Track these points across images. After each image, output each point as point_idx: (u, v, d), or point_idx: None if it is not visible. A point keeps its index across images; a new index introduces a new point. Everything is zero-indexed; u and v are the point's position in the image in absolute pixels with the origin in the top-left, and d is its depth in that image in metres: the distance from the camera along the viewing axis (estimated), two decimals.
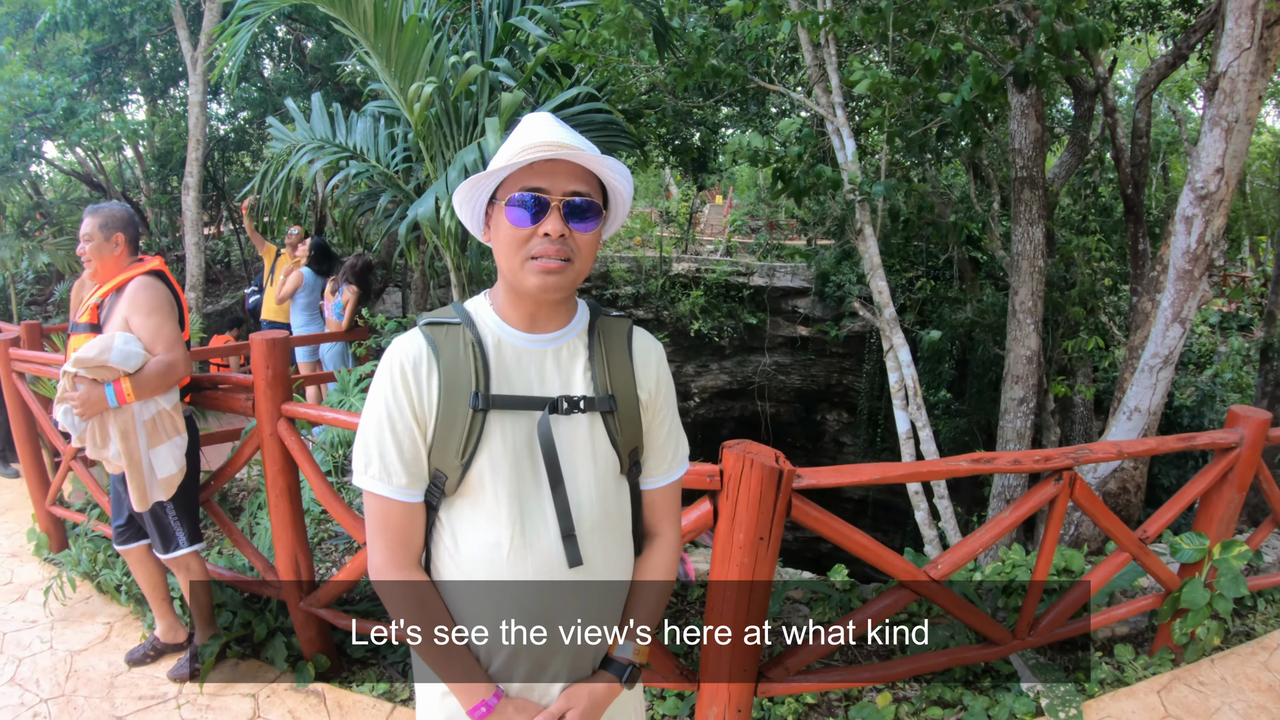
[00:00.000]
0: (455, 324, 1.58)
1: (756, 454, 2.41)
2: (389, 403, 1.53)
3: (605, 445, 1.63)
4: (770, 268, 16.07)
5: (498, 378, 1.56)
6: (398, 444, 1.53)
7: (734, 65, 5.29)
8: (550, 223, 1.49)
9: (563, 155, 1.49)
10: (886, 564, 2.81)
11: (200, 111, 10.48)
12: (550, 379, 1.60)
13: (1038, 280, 5.99)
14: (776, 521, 2.44)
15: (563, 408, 1.58)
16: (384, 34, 4.20)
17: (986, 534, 3.06)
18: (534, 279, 1.50)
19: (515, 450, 1.55)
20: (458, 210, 1.63)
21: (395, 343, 1.57)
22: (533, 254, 1.50)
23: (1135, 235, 7.15)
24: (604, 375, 1.64)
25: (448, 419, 1.53)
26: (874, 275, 5.06)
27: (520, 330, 1.59)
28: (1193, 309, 4.38)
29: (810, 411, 17.88)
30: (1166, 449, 3.68)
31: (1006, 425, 6.20)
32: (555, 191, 1.50)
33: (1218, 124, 4.00)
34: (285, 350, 3.73)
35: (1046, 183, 6.25)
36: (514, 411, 1.56)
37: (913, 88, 4.55)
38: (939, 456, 5.08)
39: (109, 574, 4.77)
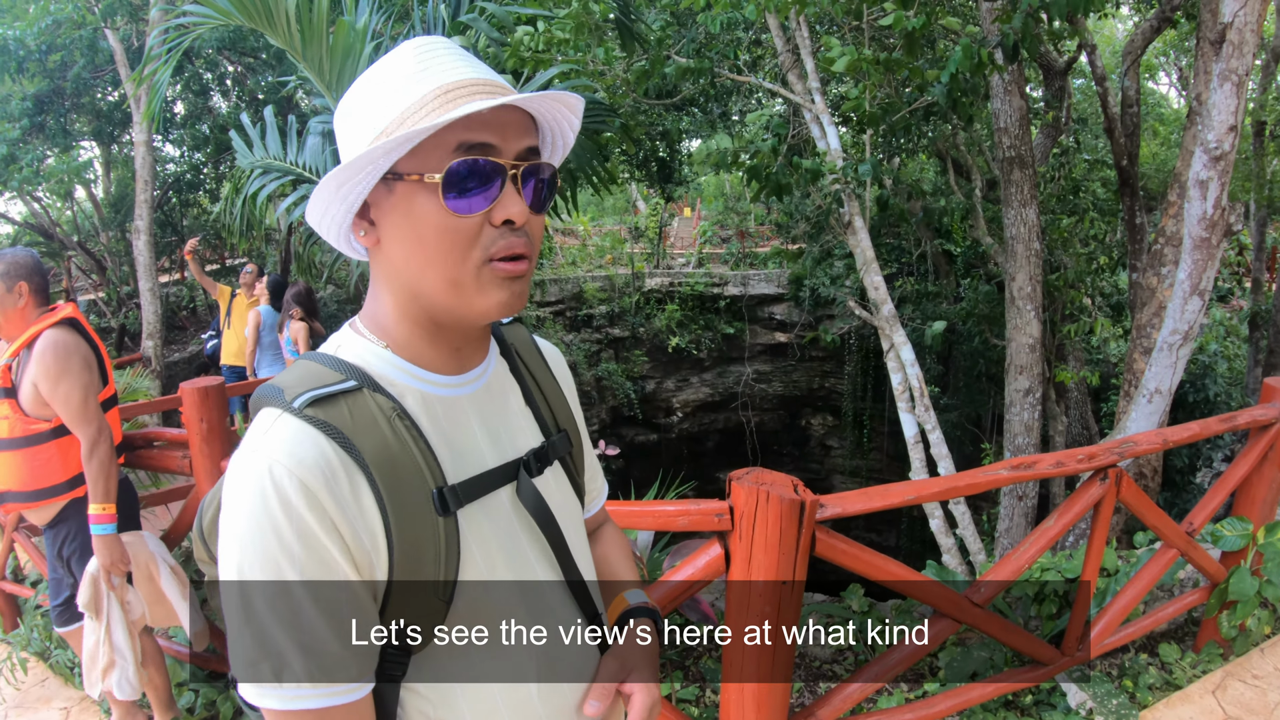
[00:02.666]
0: (352, 390, 0.98)
1: (772, 484, 2.04)
2: (295, 562, 0.89)
3: (572, 498, 1.20)
4: (744, 276, 16.09)
5: (447, 455, 1.03)
6: (332, 617, 0.91)
7: (699, 60, 4.96)
8: (511, 202, 0.96)
9: (527, 103, 0.98)
10: (926, 594, 2.44)
11: (146, 152, 10.06)
12: (496, 433, 1.11)
13: (1035, 264, 5.69)
14: (800, 562, 2.07)
15: (535, 466, 1.12)
16: (313, 45, 3.83)
17: (1032, 548, 2.70)
18: (497, 293, 0.98)
19: (503, 549, 1.06)
20: (316, 215, 1.03)
21: (255, 456, 0.91)
22: (491, 254, 0.96)
23: (1131, 209, 6.86)
24: (545, 407, 1.20)
25: (408, 545, 0.96)
26: (868, 270, 4.72)
27: (443, 374, 1.06)
28: (1211, 279, 4.08)
29: (794, 418, 17.85)
30: (1210, 432, 3.34)
31: (1014, 418, 5.87)
32: (507, 152, 0.96)
33: (1228, 78, 3.70)
34: (220, 400, 3.37)
35: (1034, 161, 5.97)
36: (481, 499, 1.05)
37: (894, 65, 4.22)
38: (950, 460, 4.74)
39: (61, 654, 4.39)
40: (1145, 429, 4.63)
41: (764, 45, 6.77)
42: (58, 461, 3.16)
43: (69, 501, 3.23)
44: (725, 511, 2.08)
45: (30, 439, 3.12)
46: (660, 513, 2.19)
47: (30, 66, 10.79)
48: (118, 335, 12.87)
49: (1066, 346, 8.21)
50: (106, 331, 13.18)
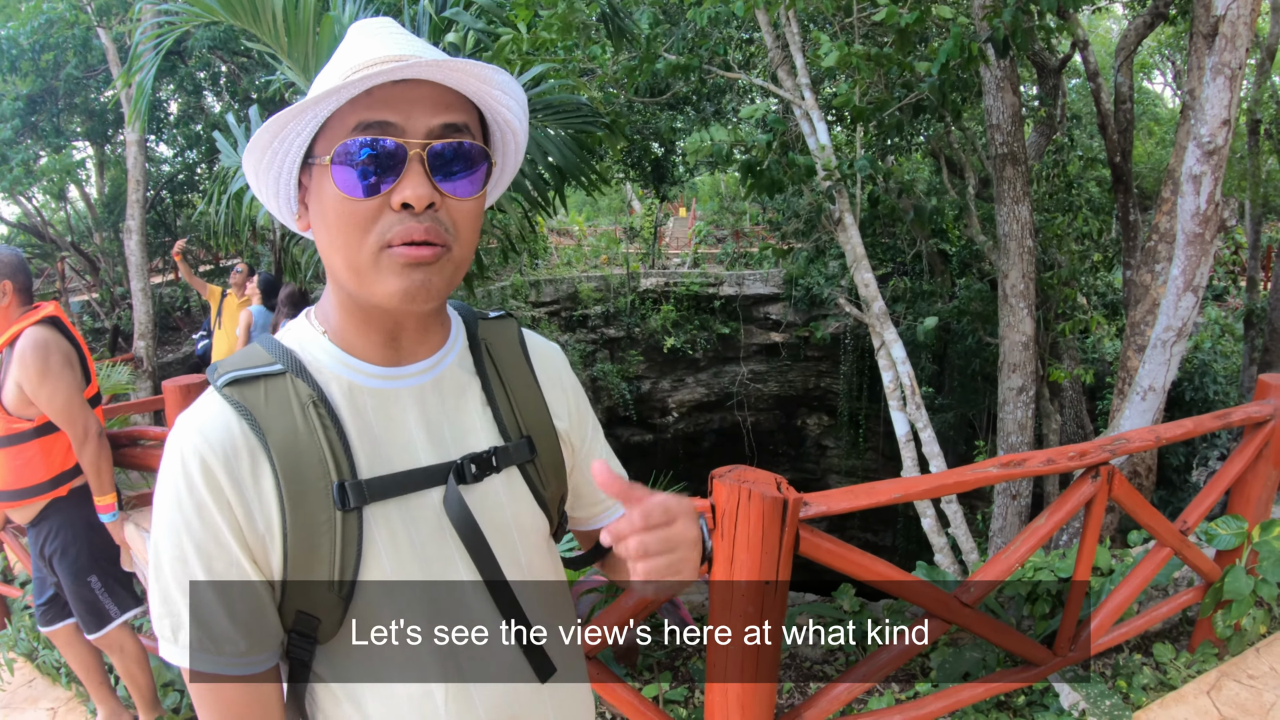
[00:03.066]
0: (275, 374, 0.98)
1: (754, 482, 1.99)
2: (191, 525, 0.91)
3: (531, 508, 1.12)
4: (739, 276, 16.10)
5: (365, 448, 0.99)
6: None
7: (689, 57, 4.92)
8: (410, 183, 0.89)
9: (419, 73, 0.89)
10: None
11: (139, 151, 10.00)
12: (438, 430, 1.05)
13: (1028, 261, 5.65)
14: (784, 561, 2.03)
15: (470, 473, 1.04)
16: (299, 43, 3.78)
17: (1022, 547, 2.66)
18: (394, 281, 0.92)
19: (418, 552, 1.01)
20: (254, 187, 1.01)
21: (182, 421, 0.96)
22: (388, 240, 0.91)
23: (1125, 206, 6.83)
24: (509, 409, 1.12)
25: (303, 535, 0.94)
26: (858, 268, 4.67)
27: (377, 365, 1.02)
28: (1205, 276, 4.04)
29: (790, 417, 17.86)
30: (1204, 429, 3.31)
31: (1007, 417, 5.84)
32: (413, 131, 0.91)
33: (1220, 72, 3.67)
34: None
35: (1028, 158, 5.93)
36: (398, 499, 1.00)
37: (885, 60, 4.19)
38: (942, 458, 4.70)
39: (48, 654, 4.36)
40: (1140, 425, 4.59)
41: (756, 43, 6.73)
42: (40, 461, 3.15)
43: (50, 501, 3.22)
44: (706, 510, 2.04)
45: (12, 438, 3.10)
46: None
47: (23, 65, 10.74)
48: (111, 336, 12.82)
49: (1061, 344, 8.17)
50: (100, 332, 13.13)
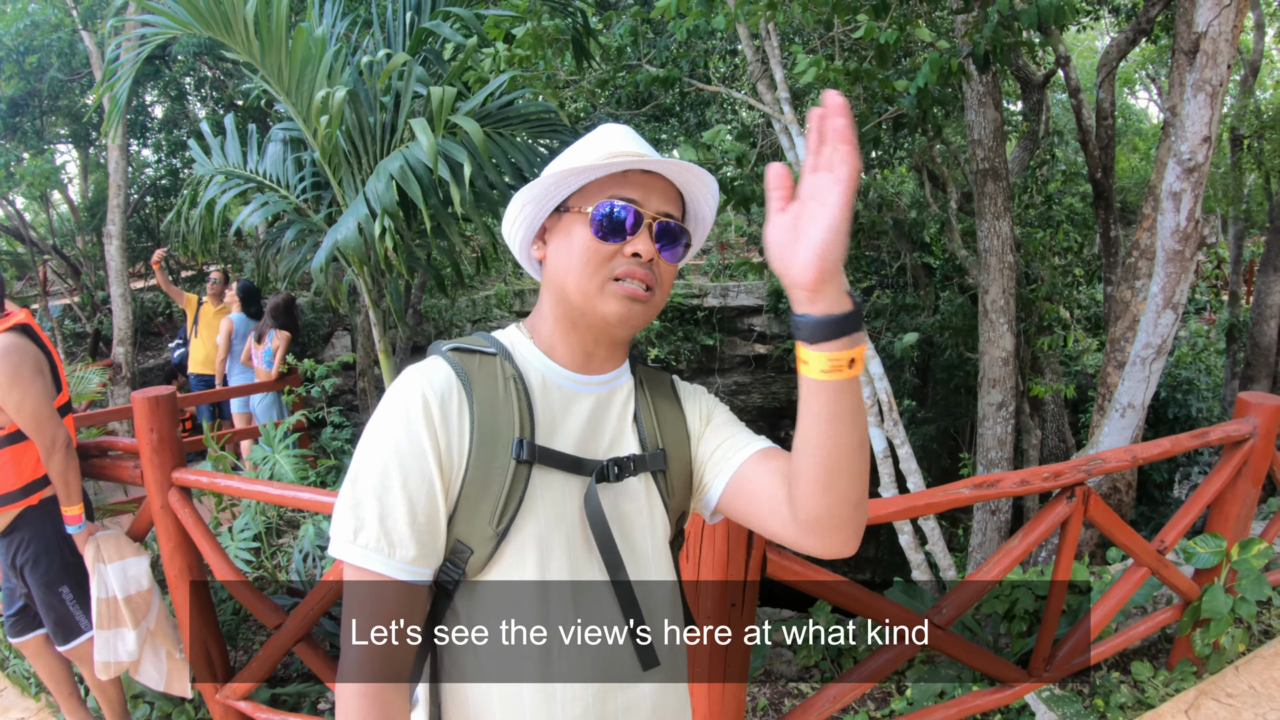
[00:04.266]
0: (490, 354, 1.28)
1: None
2: (400, 446, 1.15)
3: (660, 512, 1.35)
4: (724, 288, 16.18)
5: (544, 424, 1.25)
6: (409, 502, 1.14)
7: (670, 69, 4.89)
8: (641, 241, 1.24)
9: (662, 169, 1.28)
10: (883, 615, 2.37)
11: (120, 156, 9.91)
12: (602, 430, 1.31)
13: (1008, 277, 5.64)
14: (749, 584, 1.99)
15: (613, 473, 1.28)
16: (272, 53, 3.74)
17: (995, 568, 2.63)
18: (615, 305, 1.23)
19: (567, 519, 1.23)
20: (508, 220, 1.34)
21: (409, 371, 1.23)
22: (616, 274, 1.24)
23: (1106, 222, 6.84)
24: (653, 426, 1.36)
25: (481, 472, 1.18)
26: None
27: (570, 369, 1.31)
28: (1185, 293, 4.03)
29: (774, 429, 17.88)
30: (1182, 449, 3.29)
31: (986, 433, 5.82)
32: (649, 208, 1.27)
33: (1201, 89, 3.66)
34: (171, 409, 3.29)
35: (1009, 174, 5.93)
36: (561, 471, 1.24)
37: (864, 76, 4.17)
38: (920, 475, 4.67)
39: (19, 664, 4.34)
40: (1118, 443, 4.58)
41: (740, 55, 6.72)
42: (10, 469, 3.11)
43: (21, 510, 3.18)
44: None
45: None
46: None
47: (6, 68, 10.65)
48: (92, 340, 12.70)
49: (1042, 359, 8.17)
50: (81, 337, 13.00)
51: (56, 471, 3.07)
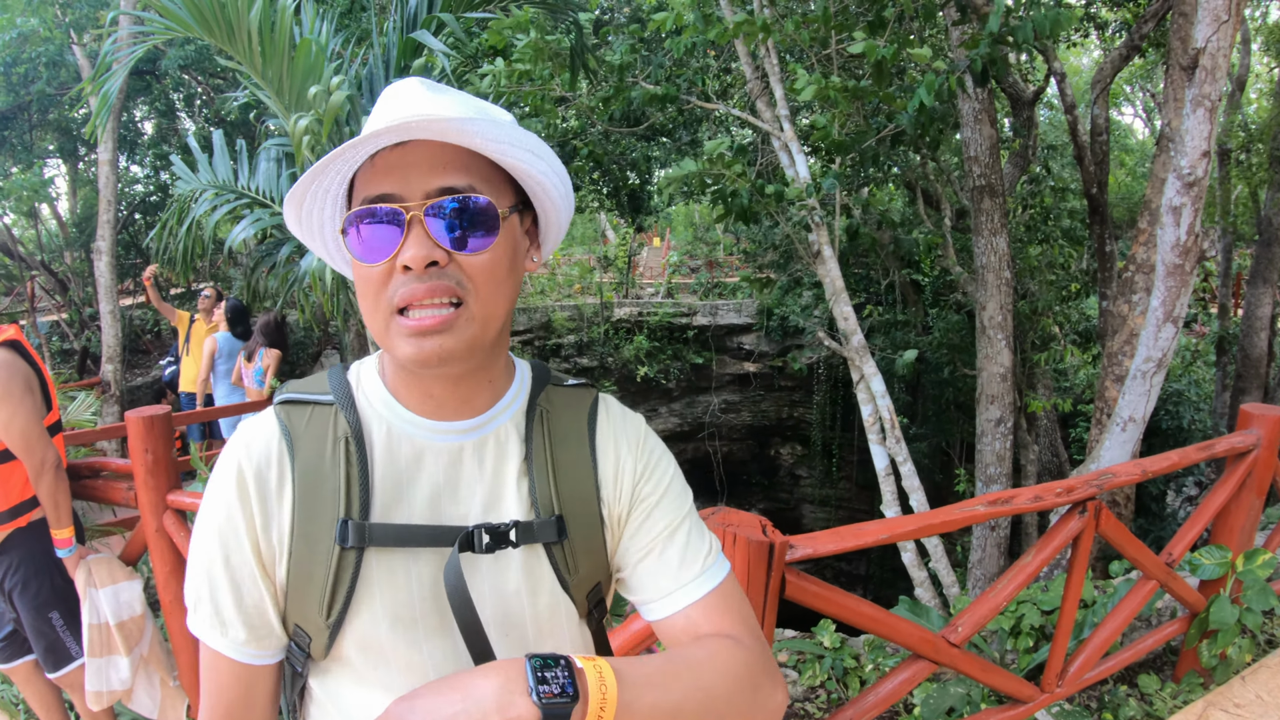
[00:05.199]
0: (324, 404, 1.02)
1: (739, 525, 1.93)
2: (220, 524, 0.98)
3: (550, 590, 1.06)
4: (713, 306, 16.20)
5: (386, 491, 1.00)
6: (233, 584, 0.98)
7: (667, 86, 4.89)
8: (412, 245, 0.91)
9: (417, 133, 0.90)
10: (900, 635, 2.34)
11: (110, 171, 9.81)
12: (469, 489, 1.04)
13: (1005, 293, 5.64)
14: (769, 607, 1.96)
15: (482, 543, 1.01)
16: (274, 63, 3.71)
17: (1009, 585, 2.60)
18: (405, 347, 0.93)
19: (418, 601, 1.00)
20: (314, 250, 1.09)
21: (240, 430, 1.03)
22: (396, 305, 0.93)
23: (1101, 237, 6.86)
24: (547, 484, 1.06)
25: (305, 558, 0.97)
26: (837, 300, 4.63)
27: (420, 415, 1.03)
28: (1184, 307, 4.04)
29: (764, 447, 17.90)
30: (1189, 461, 3.28)
31: (985, 449, 5.81)
32: (412, 192, 0.92)
33: (1200, 104, 3.68)
34: (166, 429, 3.22)
35: (1005, 190, 5.95)
36: (403, 550, 0.99)
37: (862, 94, 4.17)
38: (922, 491, 4.65)
39: (6, 689, 4.23)
40: (1119, 457, 4.58)
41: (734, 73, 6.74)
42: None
43: (10, 532, 3.09)
44: None
45: None
46: None
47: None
48: (80, 358, 12.57)
49: (1036, 374, 8.19)
50: (69, 354, 12.87)
51: (46, 493, 2.98)
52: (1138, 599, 3.26)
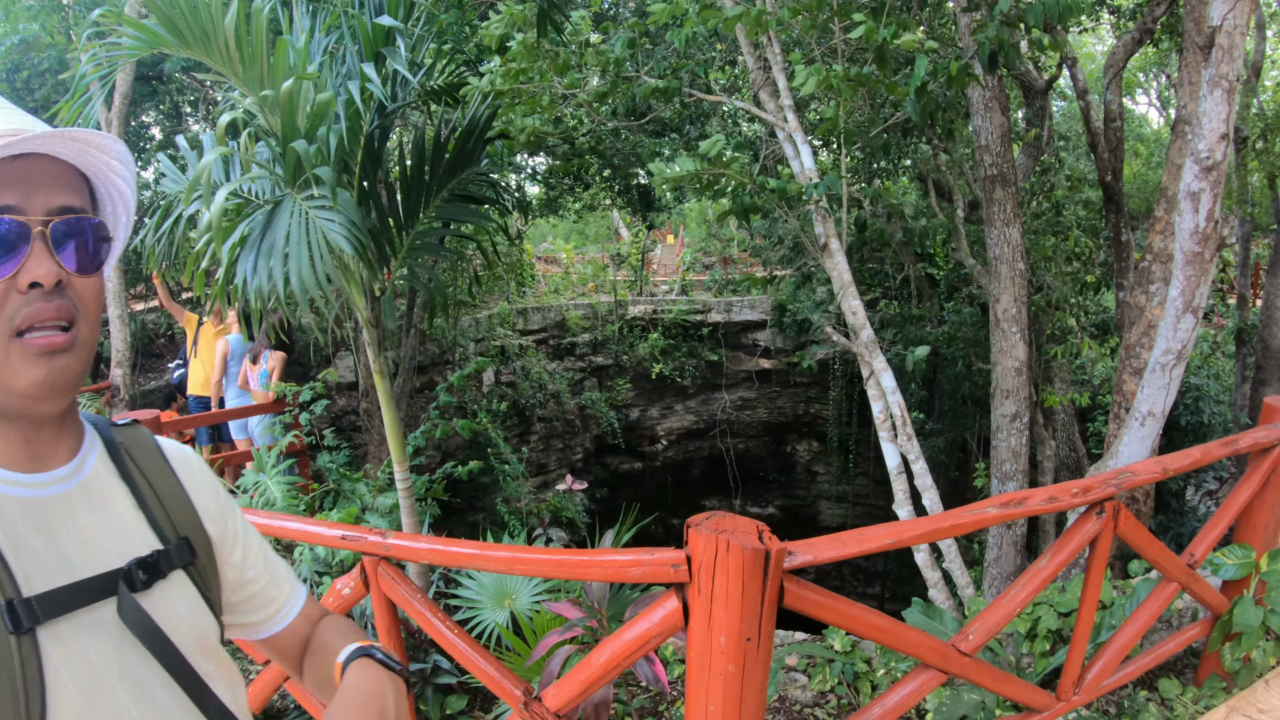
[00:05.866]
0: None
1: (734, 531, 1.82)
2: None
3: (203, 612, 1.04)
4: (727, 303, 16.22)
5: (24, 564, 0.88)
6: None
7: (669, 80, 4.79)
8: (35, 262, 0.86)
9: (40, 146, 0.87)
10: (909, 645, 2.23)
11: None
12: (97, 539, 0.95)
13: (1019, 285, 5.50)
14: (766, 616, 1.85)
15: (140, 580, 0.95)
16: (253, 68, 3.62)
17: (1024, 590, 2.49)
18: (32, 370, 0.86)
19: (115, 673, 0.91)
20: None
21: None
22: (17, 326, 0.86)
23: (1117, 225, 6.69)
24: (162, 511, 1.04)
25: None
26: (845, 294, 4.50)
27: (20, 472, 0.93)
28: (1204, 296, 3.89)
29: (780, 444, 17.84)
30: (1212, 458, 3.14)
31: (1000, 445, 5.66)
32: (33, 209, 0.88)
33: (1218, 84, 3.54)
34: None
35: (1018, 180, 5.80)
36: (69, 615, 0.89)
37: (865, 80, 4.05)
38: (935, 490, 4.52)
39: None
40: (1138, 453, 4.44)
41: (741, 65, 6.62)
42: None
43: None
44: (682, 561, 1.86)
45: None
46: (610, 563, 1.97)
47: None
48: (94, 362, 12.56)
49: (1053, 368, 8.02)
50: None
51: None
52: (1158, 602, 3.13)
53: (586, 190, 15.18)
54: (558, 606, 3.04)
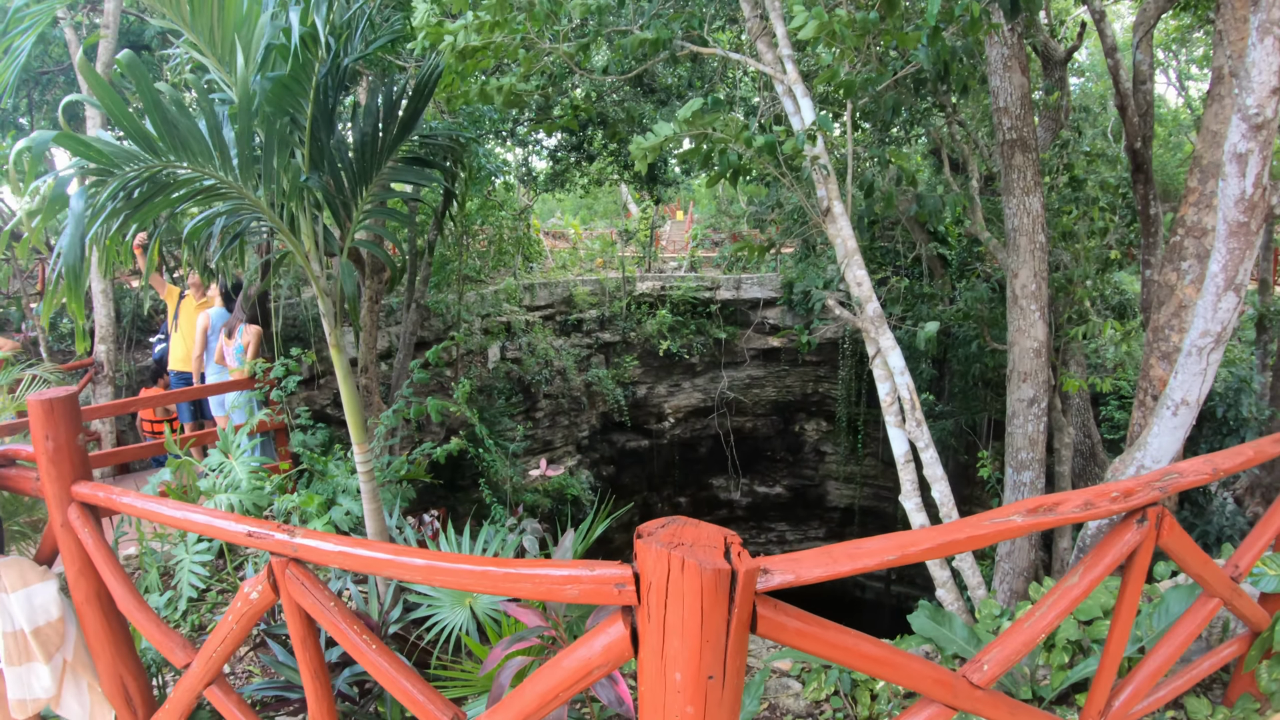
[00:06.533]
0: None
1: (692, 545, 1.45)
2: None
3: None
4: (736, 280, 16.10)
5: None
6: None
7: (658, 29, 4.38)
8: None
9: None
10: (912, 678, 1.85)
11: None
12: None
13: (1039, 259, 5.08)
14: (733, 649, 1.48)
15: None
16: (203, 14, 3.27)
17: (1050, 612, 2.11)
18: None
19: None
20: None
21: None
22: None
23: (1145, 198, 6.24)
24: None
25: None
26: (849, 264, 4.10)
27: None
28: (1248, 272, 3.49)
29: (788, 423, 17.71)
30: (1265, 456, 2.75)
31: (1016, 431, 5.26)
32: None
33: (1269, 31, 3.12)
34: (70, 414, 2.85)
35: (1039, 146, 5.37)
36: None
37: (870, 26, 3.63)
38: (946, 481, 4.14)
39: None
40: (1169, 445, 4.05)
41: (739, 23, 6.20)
42: None
43: None
44: (628, 580, 1.49)
45: None
46: (542, 578, 1.60)
47: None
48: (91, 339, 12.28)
49: (1070, 350, 7.59)
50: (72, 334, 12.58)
51: None
52: (1196, 621, 2.73)
53: (593, 164, 14.86)
54: (516, 610, 2.69)
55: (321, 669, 2.24)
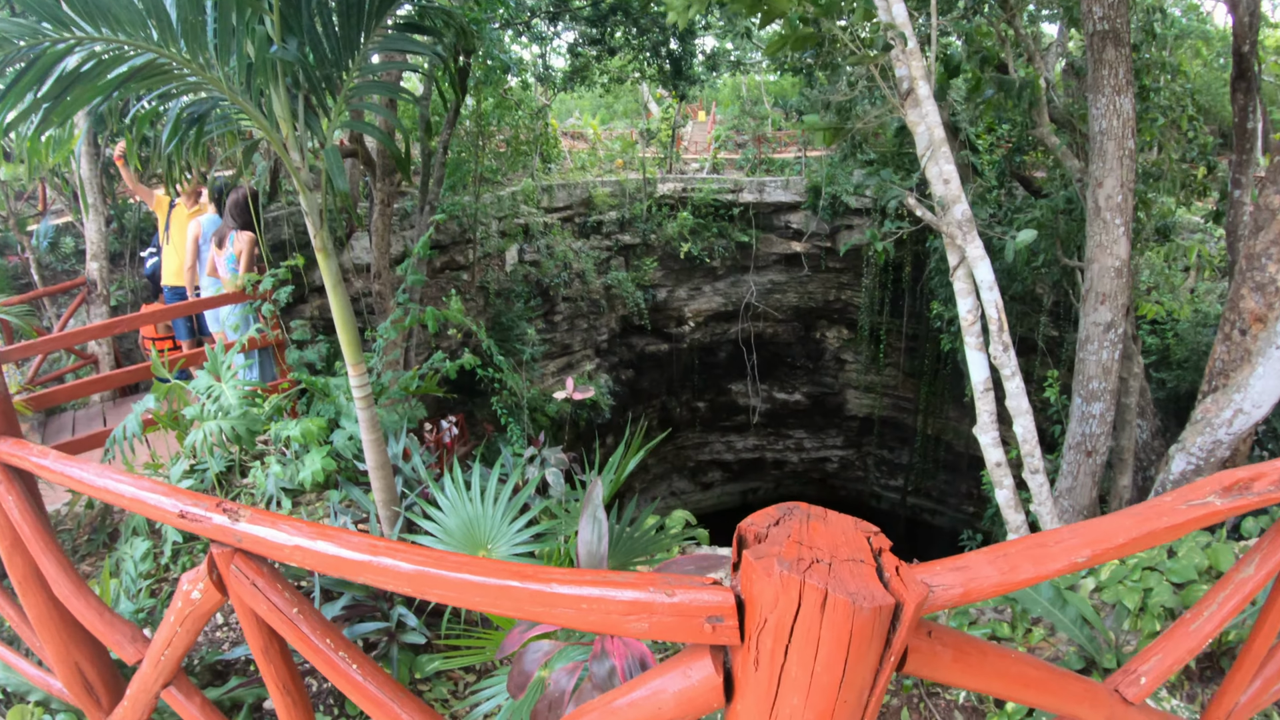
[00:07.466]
0: None
1: (829, 560, 0.98)
2: None
3: None
4: (760, 183, 15.72)
5: None
6: None
7: None
8: None
9: None
10: (1067, 699, 1.42)
11: None
12: None
13: (1128, 168, 4.49)
14: (874, 700, 1.04)
15: None
16: None
17: (1222, 609, 1.65)
18: None
19: None
20: None
21: None
22: None
23: (1244, 109, 5.52)
24: None
25: None
26: (935, 156, 3.51)
27: None
28: None
29: (809, 330, 17.58)
30: None
31: (1089, 358, 4.75)
32: None
33: None
34: None
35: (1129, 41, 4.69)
36: None
37: None
38: (1030, 416, 3.65)
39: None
40: (1274, 387, 3.57)
41: None
42: None
43: None
44: (727, 612, 1.03)
45: None
46: (595, 603, 1.10)
47: None
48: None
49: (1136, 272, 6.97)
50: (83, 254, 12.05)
51: None
52: None
53: (614, 58, 14.05)
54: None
55: (293, 681, 1.79)
